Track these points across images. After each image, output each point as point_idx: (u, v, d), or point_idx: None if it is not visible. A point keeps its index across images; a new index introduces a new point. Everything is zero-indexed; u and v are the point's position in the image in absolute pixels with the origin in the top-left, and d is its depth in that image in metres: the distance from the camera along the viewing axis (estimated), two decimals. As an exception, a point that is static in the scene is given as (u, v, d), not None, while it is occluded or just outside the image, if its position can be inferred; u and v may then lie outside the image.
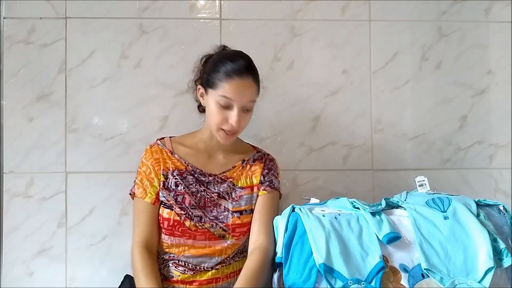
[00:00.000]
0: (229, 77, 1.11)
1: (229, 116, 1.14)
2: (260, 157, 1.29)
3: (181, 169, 1.20)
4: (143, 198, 1.18)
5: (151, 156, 1.21)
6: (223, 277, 1.19)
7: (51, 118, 1.47)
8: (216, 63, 1.16)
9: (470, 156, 1.57)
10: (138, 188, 1.20)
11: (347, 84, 1.54)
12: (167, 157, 1.21)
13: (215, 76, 1.13)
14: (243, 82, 1.13)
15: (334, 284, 0.99)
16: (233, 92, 1.11)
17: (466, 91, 1.57)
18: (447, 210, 1.12)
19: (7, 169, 1.46)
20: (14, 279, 1.46)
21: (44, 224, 1.46)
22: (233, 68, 1.12)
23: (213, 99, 1.14)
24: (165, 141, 1.26)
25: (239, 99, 1.12)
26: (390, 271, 1.03)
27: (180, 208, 1.16)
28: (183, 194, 1.18)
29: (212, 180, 1.21)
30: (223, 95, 1.12)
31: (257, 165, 1.26)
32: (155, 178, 1.19)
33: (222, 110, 1.13)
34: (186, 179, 1.19)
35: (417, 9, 1.56)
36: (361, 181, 1.54)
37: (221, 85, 1.12)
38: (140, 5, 1.49)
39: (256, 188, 1.25)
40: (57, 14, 1.48)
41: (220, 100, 1.12)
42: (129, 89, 1.49)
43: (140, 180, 1.20)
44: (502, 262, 1.04)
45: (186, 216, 1.15)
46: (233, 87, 1.11)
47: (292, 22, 1.53)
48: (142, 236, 1.17)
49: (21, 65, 1.46)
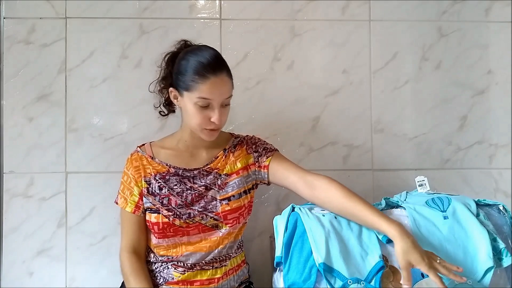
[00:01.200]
0: (203, 77, 1.08)
1: (210, 115, 1.11)
2: (239, 141, 1.26)
3: (162, 172, 1.19)
4: (124, 208, 1.19)
5: (131, 165, 1.20)
6: (223, 276, 1.19)
7: (51, 118, 1.47)
8: (185, 62, 1.12)
9: (470, 156, 1.57)
10: (120, 198, 1.21)
11: (347, 84, 1.54)
12: (148, 163, 1.20)
13: (188, 78, 1.10)
14: (218, 79, 1.09)
15: (334, 284, 0.99)
16: (210, 92, 1.09)
17: (466, 91, 1.57)
18: (447, 210, 1.12)
19: (7, 169, 1.46)
20: (14, 279, 1.46)
21: (44, 224, 1.46)
22: (204, 66, 1.09)
23: (191, 101, 1.11)
24: (145, 147, 1.24)
25: (218, 97, 1.10)
26: (390, 271, 1.04)
27: (167, 209, 1.15)
28: (168, 196, 1.17)
29: (198, 174, 1.20)
30: (201, 97, 1.09)
31: (238, 150, 1.24)
32: (134, 187, 1.18)
33: (202, 110, 1.11)
34: (170, 181, 1.18)
35: (417, 9, 1.56)
36: (361, 181, 1.54)
37: (197, 86, 1.08)
38: (140, 5, 1.50)
39: (244, 171, 1.21)
40: (57, 14, 1.48)
41: (199, 102, 1.09)
42: (129, 89, 1.49)
43: (122, 190, 1.21)
44: (502, 262, 1.04)
45: (175, 216, 1.14)
46: (210, 87, 1.08)
47: (292, 22, 1.53)
48: (129, 242, 1.19)
49: (21, 65, 1.47)
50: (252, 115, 1.51)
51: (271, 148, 1.25)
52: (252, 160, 1.23)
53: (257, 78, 1.51)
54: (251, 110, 1.51)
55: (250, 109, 1.51)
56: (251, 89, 1.51)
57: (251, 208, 1.25)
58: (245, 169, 1.22)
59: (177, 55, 1.19)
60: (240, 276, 1.24)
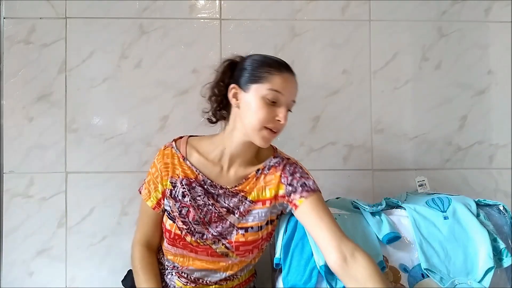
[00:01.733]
0: (278, 69, 1.03)
1: (276, 112, 1.03)
2: (277, 163, 1.12)
3: (190, 178, 1.10)
4: (146, 200, 1.14)
5: (162, 160, 1.12)
6: None
7: (51, 118, 1.47)
8: (256, 61, 1.07)
9: (470, 156, 1.57)
10: (145, 189, 1.15)
11: (347, 84, 1.54)
12: (178, 163, 1.12)
13: (262, 70, 1.04)
14: (291, 77, 1.05)
15: (335, 285, 0.99)
16: (283, 87, 1.02)
17: (466, 91, 1.57)
18: (447, 210, 1.12)
19: (7, 169, 1.46)
20: (14, 279, 1.46)
21: (44, 224, 1.46)
22: (279, 63, 1.06)
23: (258, 94, 1.02)
24: (180, 143, 1.15)
25: (288, 94, 1.03)
26: (390, 271, 1.04)
27: (183, 222, 1.09)
28: (189, 206, 1.10)
29: (223, 194, 1.10)
30: (273, 89, 1.01)
31: (272, 174, 1.11)
32: (159, 184, 1.12)
33: (269, 106, 1.02)
34: (195, 190, 1.10)
35: (417, 9, 1.56)
36: (361, 181, 1.54)
37: (270, 78, 1.02)
38: (140, 5, 1.49)
39: (271, 202, 1.10)
40: (57, 14, 1.48)
41: (269, 94, 1.01)
42: (129, 89, 1.49)
43: (148, 181, 1.15)
44: (502, 262, 1.04)
45: (188, 232, 1.09)
46: (283, 81, 1.03)
47: (292, 22, 1.53)
48: (143, 236, 1.17)
49: (21, 65, 1.47)
50: None
51: (310, 187, 1.08)
52: (283, 191, 1.10)
53: (257, 78, 1.51)
54: (251, 110, 1.51)
55: (250, 109, 1.50)
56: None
57: (270, 237, 1.16)
58: (273, 199, 1.10)
59: (237, 64, 1.13)
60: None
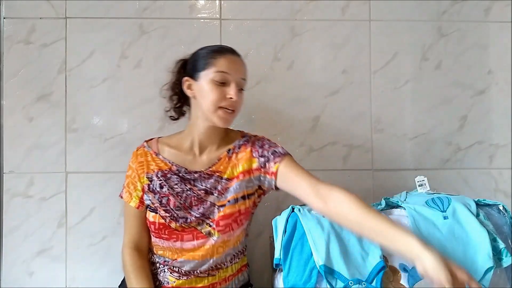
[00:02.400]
0: (221, 53, 1.12)
1: (226, 91, 1.11)
2: (246, 141, 1.20)
3: (164, 169, 1.16)
4: (128, 202, 1.18)
5: (136, 160, 1.19)
6: (220, 281, 1.17)
7: (51, 118, 1.47)
8: (202, 51, 1.16)
9: (470, 156, 1.57)
10: (125, 192, 1.20)
11: (347, 84, 1.54)
12: (152, 159, 1.18)
13: (206, 57, 1.13)
14: (235, 57, 1.14)
15: (335, 285, 0.99)
16: (228, 66, 1.11)
17: (466, 91, 1.57)
18: (447, 210, 1.12)
19: (7, 169, 1.46)
20: (14, 279, 1.46)
21: (44, 224, 1.46)
22: (222, 47, 1.16)
23: (207, 79, 1.11)
24: (152, 142, 1.22)
25: (234, 73, 1.12)
26: (390, 271, 1.04)
27: (165, 210, 1.14)
28: (168, 195, 1.14)
29: (198, 177, 1.16)
30: (219, 70, 1.10)
31: (243, 151, 1.17)
32: (138, 183, 1.17)
33: (219, 87, 1.10)
34: (171, 179, 1.16)
35: (417, 9, 1.56)
36: (361, 181, 1.54)
37: (216, 62, 1.11)
38: (140, 5, 1.49)
39: (245, 175, 1.15)
40: (57, 14, 1.48)
41: (216, 76, 1.10)
42: (129, 89, 1.49)
43: (126, 184, 1.20)
44: (502, 262, 1.04)
45: (171, 218, 1.13)
46: (228, 61, 1.11)
47: (292, 22, 1.53)
48: (131, 238, 1.19)
49: (21, 65, 1.47)
50: (252, 115, 1.51)
51: (281, 152, 1.15)
52: (256, 165, 1.15)
53: (257, 78, 1.51)
54: (251, 110, 1.51)
55: (250, 109, 1.50)
56: (251, 89, 1.51)
57: (249, 216, 1.20)
58: (247, 173, 1.16)
59: (187, 60, 1.21)
60: (240, 280, 1.23)
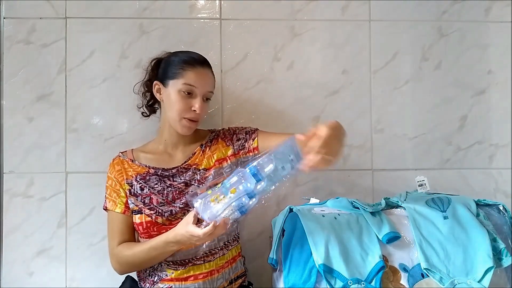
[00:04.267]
0: (191, 65, 1.18)
1: (192, 103, 1.18)
2: (216, 135, 1.30)
3: (142, 173, 1.23)
4: (113, 209, 1.21)
5: (114, 169, 1.25)
6: (218, 269, 1.19)
7: (51, 118, 1.47)
8: (174, 57, 1.23)
9: (470, 156, 1.57)
10: (109, 201, 1.23)
11: (347, 84, 1.54)
12: (128, 166, 1.25)
13: (176, 67, 1.19)
14: (204, 70, 1.20)
15: (334, 284, 1.00)
16: (195, 80, 1.17)
17: (466, 91, 1.57)
18: (447, 210, 1.12)
19: (7, 169, 1.46)
20: (14, 279, 1.46)
21: (44, 224, 1.46)
22: (193, 59, 1.21)
23: (175, 89, 1.18)
24: (126, 152, 1.29)
25: (201, 87, 1.18)
26: (390, 271, 1.04)
27: (149, 208, 1.18)
28: (149, 195, 1.20)
29: (176, 172, 1.22)
30: (187, 83, 1.17)
31: (215, 144, 1.27)
32: (120, 189, 1.22)
33: (185, 98, 1.18)
34: (150, 181, 1.21)
35: (417, 9, 1.56)
36: (361, 181, 1.53)
37: (184, 73, 1.17)
38: (140, 5, 1.49)
39: (220, 162, 1.23)
40: (57, 14, 1.48)
41: (183, 88, 1.17)
42: (129, 89, 1.48)
43: (108, 194, 1.24)
44: (502, 262, 1.04)
45: (157, 214, 1.17)
46: (196, 75, 1.18)
47: (292, 22, 1.53)
48: (120, 241, 1.21)
49: (21, 65, 1.47)
50: (252, 115, 1.51)
51: (251, 129, 1.26)
52: (231, 151, 1.25)
53: (257, 78, 1.51)
54: (251, 110, 1.51)
55: (250, 109, 1.50)
56: (251, 89, 1.51)
57: None
58: (223, 160, 1.24)
59: (161, 59, 1.29)
60: (235, 268, 1.24)
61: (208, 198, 1.01)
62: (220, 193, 1.00)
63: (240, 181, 0.99)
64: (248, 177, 0.98)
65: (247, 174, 0.98)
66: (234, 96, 1.49)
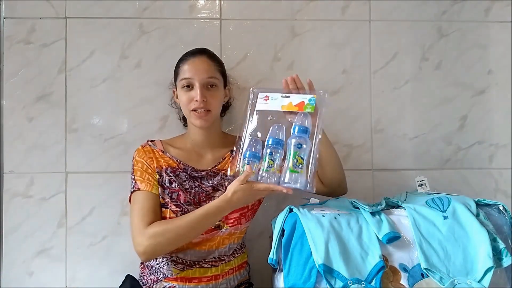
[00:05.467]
0: (184, 60, 1.23)
1: (193, 95, 1.20)
2: None
3: (173, 166, 1.21)
4: (150, 190, 1.17)
5: (145, 155, 1.22)
6: (222, 274, 1.20)
7: (51, 118, 1.47)
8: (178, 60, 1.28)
9: (470, 156, 1.57)
10: (141, 182, 1.18)
11: (347, 84, 1.54)
12: (159, 156, 1.23)
13: (177, 69, 1.25)
14: (196, 59, 1.22)
15: (334, 284, 0.99)
16: (189, 71, 1.20)
17: (466, 91, 1.57)
18: (447, 210, 1.12)
19: (7, 169, 1.46)
20: (14, 279, 1.46)
21: (44, 224, 1.46)
22: (186, 53, 1.26)
23: (179, 87, 1.23)
24: (155, 142, 1.28)
25: (196, 75, 1.20)
26: (390, 271, 1.04)
27: (176, 205, 1.17)
28: (178, 191, 1.18)
29: (205, 175, 1.22)
30: (183, 77, 1.21)
31: None
32: (153, 173, 1.20)
33: (187, 92, 1.21)
34: (179, 176, 1.20)
35: (417, 9, 1.56)
36: (361, 181, 1.54)
37: (180, 70, 1.23)
38: (140, 5, 1.49)
39: None
40: (57, 14, 1.48)
41: (183, 83, 1.21)
42: (129, 89, 1.49)
43: (140, 175, 1.20)
44: (502, 262, 1.04)
45: (182, 213, 1.16)
46: (189, 66, 1.21)
47: (292, 22, 1.53)
48: (148, 223, 1.13)
49: (21, 65, 1.47)
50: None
51: None
52: None
53: (257, 78, 1.51)
54: (251, 110, 1.51)
55: (250, 109, 1.50)
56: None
57: (254, 212, 1.27)
58: None
59: None
60: (240, 276, 1.25)
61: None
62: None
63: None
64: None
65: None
66: (234, 96, 1.49)
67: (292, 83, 1.15)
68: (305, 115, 1.12)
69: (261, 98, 1.17)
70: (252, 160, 1.08)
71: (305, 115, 1.12)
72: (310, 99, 1.14)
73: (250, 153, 1.08)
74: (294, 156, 1.06)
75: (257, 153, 1.09)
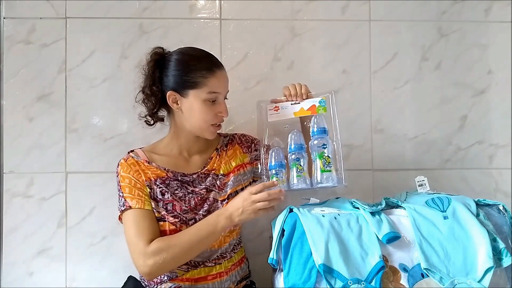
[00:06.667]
0: (211, 72, 1.13)
1: (218, 109, 1.16)
2: (230, 140, 1.30)
3: (162, 176, 1.16)
4: (142, 207, 1.11)
5: (130, 169, 1.14)
6: (226, 271, 1.21)
7: (51, 118, 1.47)
8: (187, 63, 1.14)
9: (470, 156, 1.57)
10: (132, 199, 1.11)
11: (347, 84, 1.54)
12: (145, 167, 1.16)
13: (195, 75, 1.12)
14: (223, 72, 1.18)
15: (334, 284, 0.99)
16: (219, 86, 1.15)
17: (466, 91, 1.57)
18: (447, 210, 1.12)
19: (7, 169, 1.46)
20: (14, 279, 1.46)
21: (44, 224, 1.46)
22: (211, 63, 1.15)
23: (199, 99, 1.13)
24: (137, 152, 1.20)
25: (224, 90, 1.18)
26: (390, 271, 1.04)
27: (173, 216, 1.13)
28: (172, 201, 1.14)
29: (196, 178, 1.20)
30: (212, 91, 1.13)
31: (231, 149, 1.28)
32: (143, 188, 1.13)
33: (210, 106, 1.15)
34: (170, 185, 1.16)
35: (417, 9, 1.56)
36: (361, 181, 1.54)
37: (207, 82, 1.12)
38: (140, 5, 1.50)
39: (239, 169, 1.25)
40: (57, 14, 1.48)
41: (209, 97, 1.13)
42: (129, 89, 1.48)
43: (129, 192, 1.12)
44: (502, 262, 1.04)
45: (181, 223, 1.13)
46: (218, 80, 1.14)
47: (292, 22, 1.53)
48: (149, 241, 1.07)
49: (21, 65, 1.47)
50: (252, 115, 1.51)
51: (266, 145, 1.26)
52: (248, 159, 1.28)
53: (257, 78, 1.51)
54: (251, 110, 1.50)
55: (250, 109, 1.50)
56: (251, 89, 1.51)
57: None
58: (240, 167, 1.25)
59: (161, 60, 1.17)
60: (241, 271, 1.27)
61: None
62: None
63: None
64: None
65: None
66: (234, 96, 1.48)
67: (299, 95, 1.21)
68: (319, 116, 1.18)
69: (271, 109, 1.23)
70: (279, 170, 1.14)
71: (319, 116, 1.18)
72: (320, 101, 1.19)
73: (276, 163, 1.15)
74: (321, 157, 1.12)
75: (282, 161, 1.15)
